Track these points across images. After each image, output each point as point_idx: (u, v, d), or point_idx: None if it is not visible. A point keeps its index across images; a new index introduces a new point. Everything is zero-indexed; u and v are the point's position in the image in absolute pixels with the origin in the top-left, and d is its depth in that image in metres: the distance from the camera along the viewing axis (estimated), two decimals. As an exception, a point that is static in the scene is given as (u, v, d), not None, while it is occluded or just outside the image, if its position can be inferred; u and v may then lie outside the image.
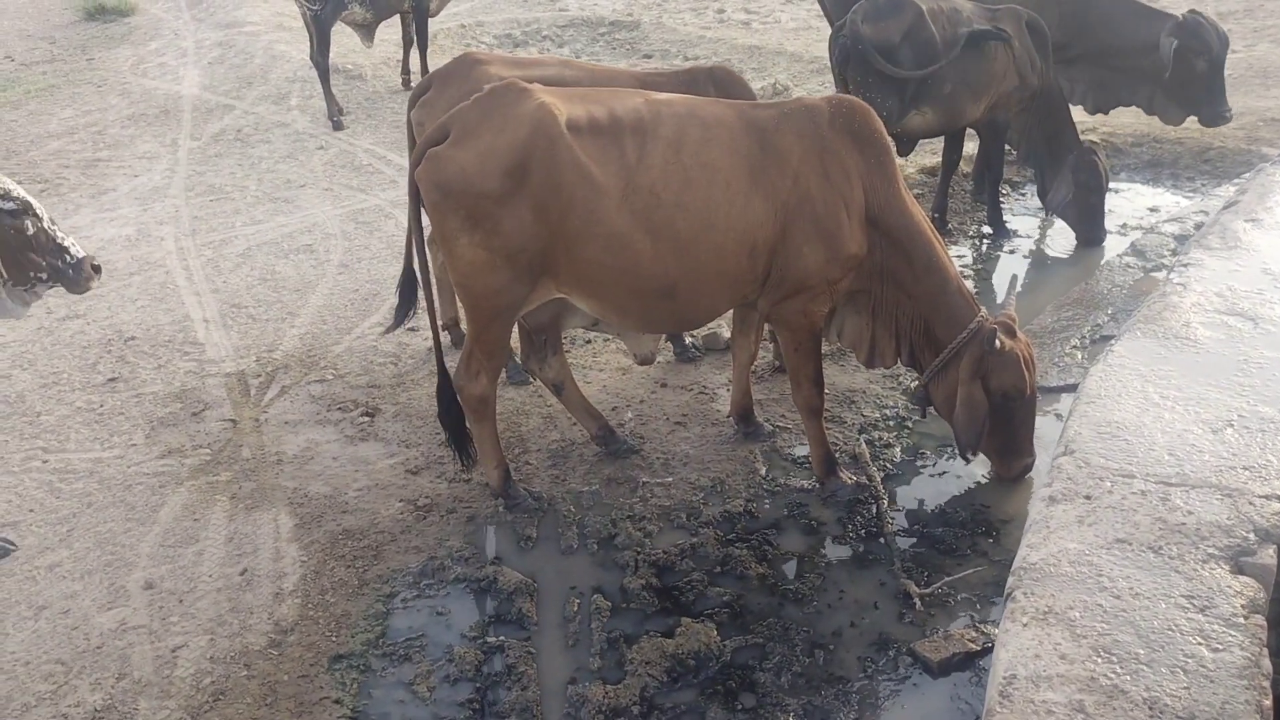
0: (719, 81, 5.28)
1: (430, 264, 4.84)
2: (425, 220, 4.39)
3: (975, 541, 4.41)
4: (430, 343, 4.92)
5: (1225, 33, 6.71)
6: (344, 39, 10.45)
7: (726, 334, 5.64)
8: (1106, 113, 7.29)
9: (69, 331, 6.30)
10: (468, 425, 4.58)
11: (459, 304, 5.21)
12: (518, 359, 5.32)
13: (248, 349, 6.04)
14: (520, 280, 4.22)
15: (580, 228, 4.14)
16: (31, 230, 4.30)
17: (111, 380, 5.78)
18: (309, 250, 7.23)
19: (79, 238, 7.47)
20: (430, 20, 10.28)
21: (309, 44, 9.48)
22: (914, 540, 4.44)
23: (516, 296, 4.27)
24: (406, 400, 5.49)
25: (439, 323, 4.83)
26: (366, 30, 9.98)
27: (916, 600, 4.10)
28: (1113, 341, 3.53)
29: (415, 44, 10.21)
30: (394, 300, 6.14)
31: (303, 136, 9.38)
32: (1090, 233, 6.73)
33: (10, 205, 4.24)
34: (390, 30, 10.68)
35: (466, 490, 4.79)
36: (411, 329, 6.22)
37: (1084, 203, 6.61)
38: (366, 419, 5.34)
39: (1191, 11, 6.66)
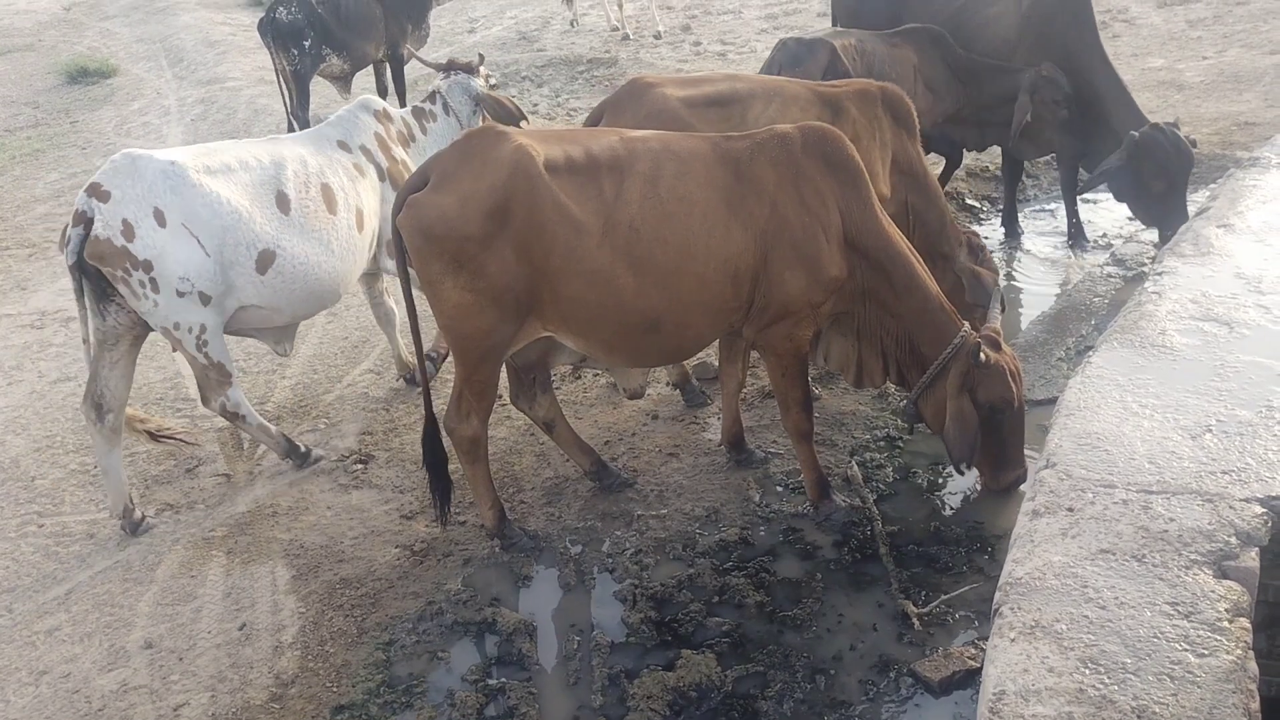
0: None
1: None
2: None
3: (971, 558, 4.43)
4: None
5: (1190, 152, 6.15)
6: (323, 91, 10.55)
7: (716, 362, 5.66)
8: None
9: (61, 394, 6.32)
10: (450, 470, 4.60)
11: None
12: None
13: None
14: (507, 321, 4.26)
15: (563, 266, 4.18)
16: None
17: (105, 441, 5.79)
18: (297, 301, 7.25)
19: (67, 300, 7.52)
20: (406, 67, 10.40)
21: (288, 99, 9.57)
22: (910, 560, 4.45)
23: (504, 337, 4.31)
24: (399, 446, 5.51)
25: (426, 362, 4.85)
26: (343, 82, 10.09)
27: (915, 620, 4.11)
28: (1090, 352, 3.56)
29: (392, 91, 10.31)
30: (387, 346, 6.21)
31: (287, 188, 9.43)
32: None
33: None
34: (367, 79, 10.78)
35: (462, 533, 4.81)
36: (403, 376, 6.26)
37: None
38: (360, 466, 5.36)
39: (1154, 126, 6.14)
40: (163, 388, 6.30)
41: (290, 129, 9.40)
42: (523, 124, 5.78)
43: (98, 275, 4.66)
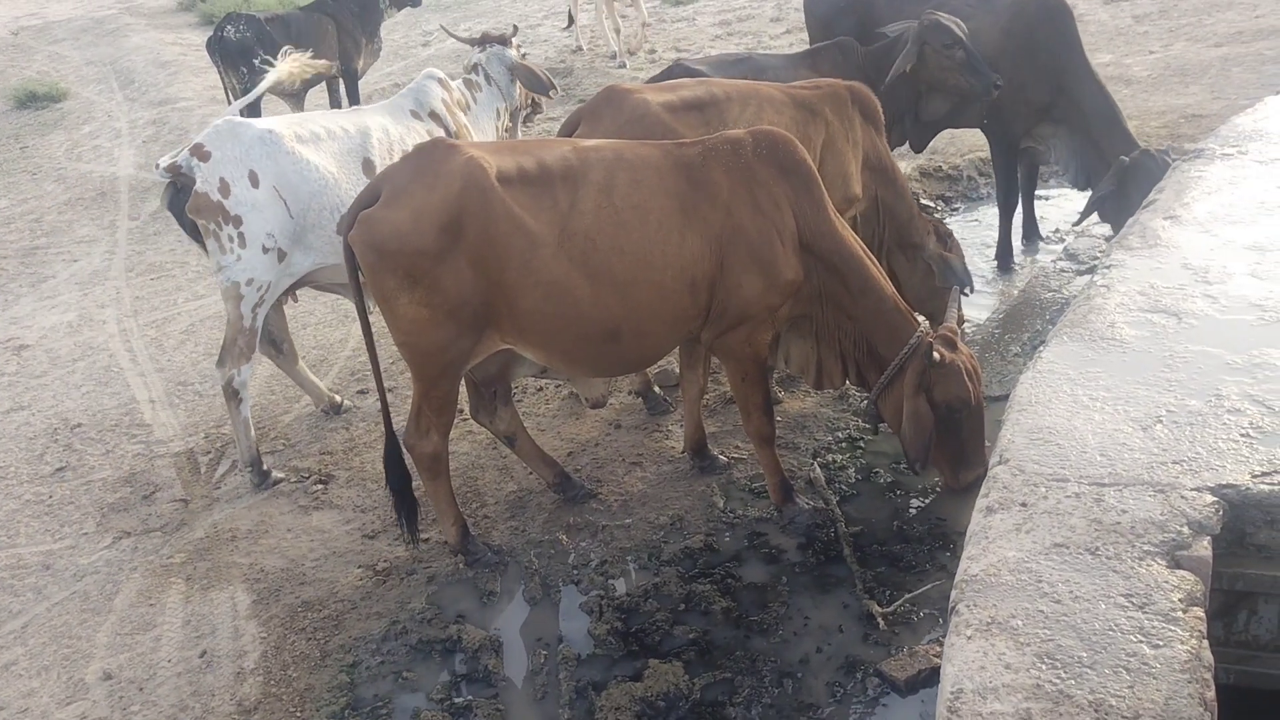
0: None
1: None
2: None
3: (934, 556, 4.44)
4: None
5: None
6: (273, 105, 10.45)
7: (677, 368, 5.66)
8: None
9: (14, 424, 6.22)
10: (414, 489, 4.57)
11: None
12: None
13: (196, 426, 6.00)
14: (464, 335, 4.23)
15: (519, 278, 4.16)
16: None
17: (59, 470, 5.72)
18: (254, 321, 7.18)
19: (19, 328, 7.42)
20: (359, 82, 10.35)
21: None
22: (874, 560, 4.46)
23: (462, 351, 4.28)
24: (359, 465, 5.46)
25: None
26: (295, 99, 10.02)
27: (880, 620, 4.11)
28: (1041, 347, 3.59)
29: (347, 106, 10.25)
30: (345, 364, 6.17)
31: (242, 208, 9.35)
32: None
33: None
34: (319, 95, 10.72)
35: (425, 550, 4.76)
36: (361, 391, 6.22)
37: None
38: (320, 487, 5.30)
39: (1144, 152, 6.00)
40: (118, 414, 6.22)
41: None
42: (551, 93, 6.40)
43: (194, 226, 5.14)
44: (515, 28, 6.83)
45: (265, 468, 5.37)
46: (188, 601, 4.60)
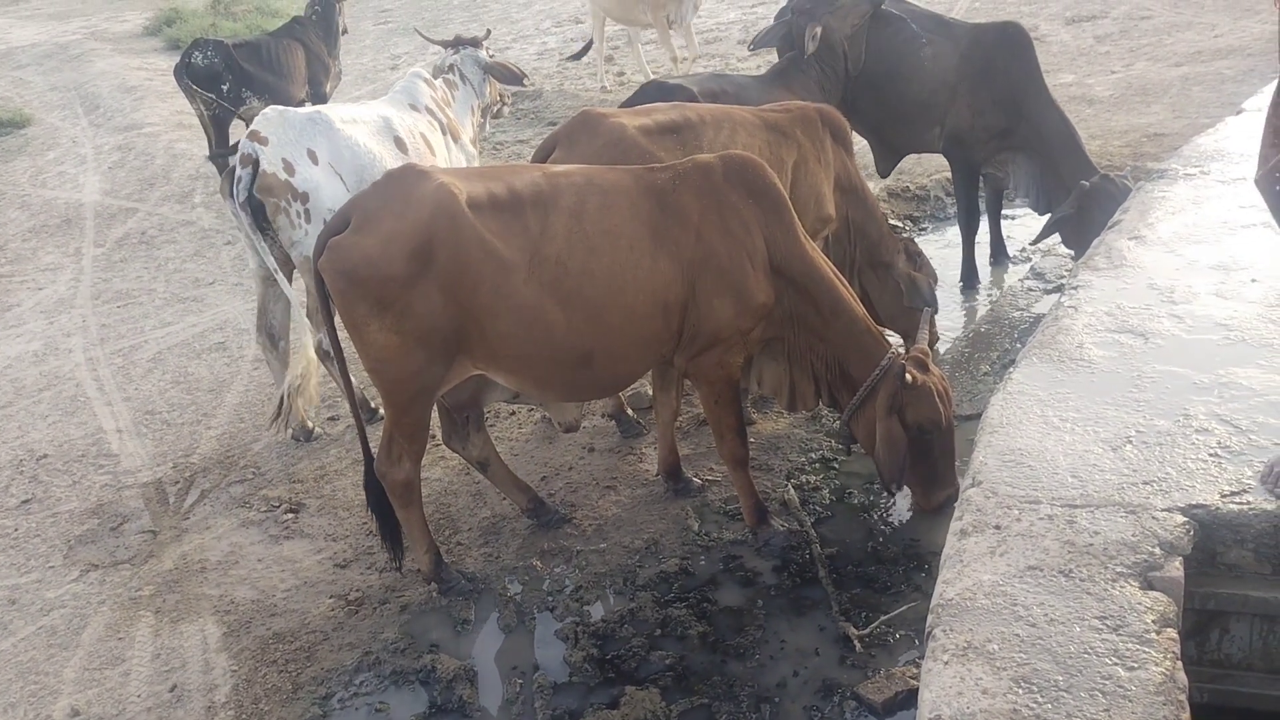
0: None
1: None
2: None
3: (909, 576, 4.45)
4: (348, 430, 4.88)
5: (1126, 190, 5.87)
6: (242, 133, 10.41)
7: (650, 391, 5.66)
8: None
9: (-23, 456, 6.13)
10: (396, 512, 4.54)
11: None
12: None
13: (164, 456, 5.93)
14: (435, 361, 4.21)
15: (490, 303, 4.15)
16: None
17: (25, 502, 5.64)
18: (221, 348, 7.14)
19: (-17, 358, 7.32)
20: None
21: (207, 142, 9.44)
22: (849, 581, 4.46)
23: (433, 377, 4.25)
24: (330, 492, 5.42)
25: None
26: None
27: (856, 642, 4.11)
28: (1011, 369, 3.61)
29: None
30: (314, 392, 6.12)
31: (209, 234, 9.30)
32: None
33: None
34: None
35: (398, 579, 4.72)
36: (331, 418, 6.17)
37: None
38: (291, 516, 5.25)
39: (1104, 177, 6.05)
40: (84, 444, 6.14)
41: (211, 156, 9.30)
42: (525, 83, 6.84)
43: (260, 211, 5.37)
44: (489, 31, 7.10)
45: (374, 405, 5.79)
46: (157, 635, 4.54)
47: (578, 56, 12.77)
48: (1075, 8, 12.00)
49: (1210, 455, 3.05)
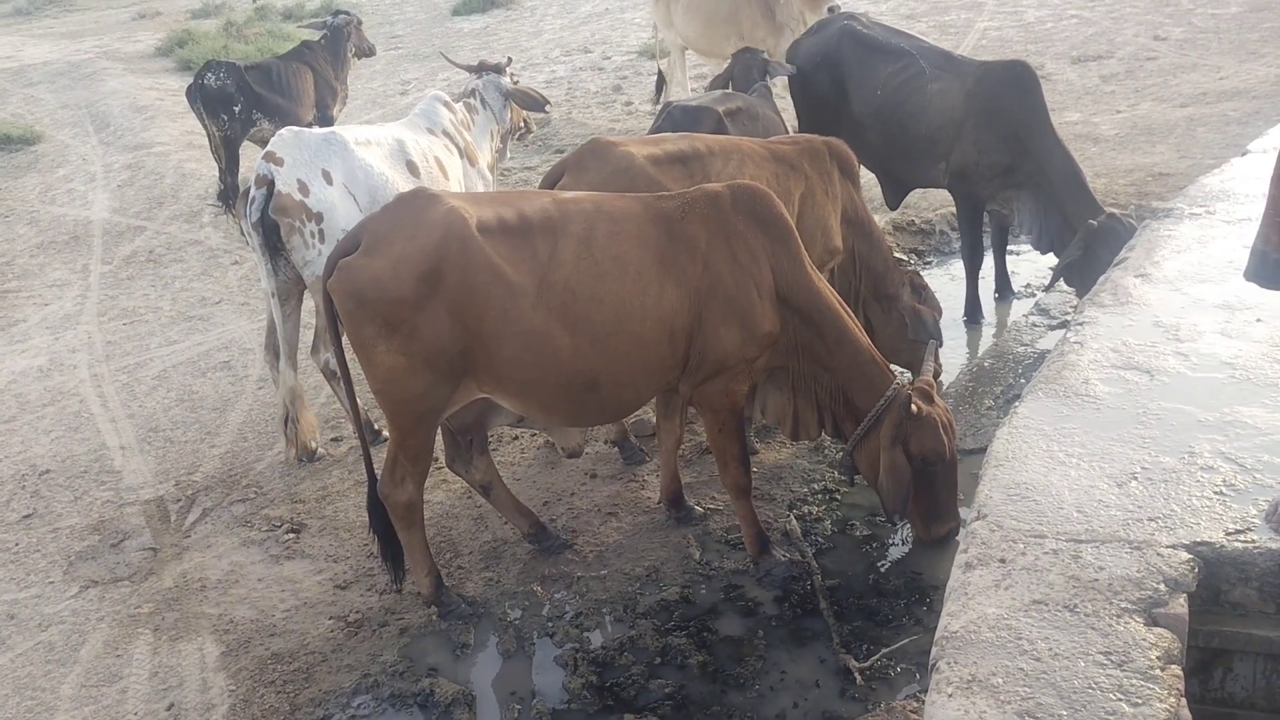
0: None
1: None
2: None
3: (911, 610, 4.44)
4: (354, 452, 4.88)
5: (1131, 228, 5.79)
6: (252, 153, 10.48)
7: (653, 418, 5.66)
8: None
9: (-21, 469, 6.13)
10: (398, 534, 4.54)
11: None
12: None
13: (167, 473, 5.93)
14: (441, 383, 4.22)
15: (497, 328, 4.17)
16: None
17: (27, 517, 5.63)
18: (226, 367, 7.15)
19: (-12, 372, 7.33)
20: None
21: (217, 164, 9.50)
22: (850, 613, 4.45)
23: (438, 400, 4.27)
24: (332, 513, 5.41)
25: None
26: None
27: (857, 675, 4.09)
28: (1017, 403, 3.62)
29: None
30: (319, 412, 6.13)
31: (217, 253, 9.34)
32: None
33: None
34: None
35: (398, 601, 4.71)
36: (334, 439, 6.18)
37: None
38: (292, 536, 5.25)
39: (1111, 216, 6.01)
40: (87, 460, 6.14)
41: (221, 194, 9.32)
42: (547, 108, 6.94)
43: (274, 231, 5.40)
44: (509, 59, 7.13)
45: (377, 427, 5.84)
46: (155, 653, 4.52)
47: (658, 95, 12.05)
48: (1081, 47, 12.09)
49: (1215, 493, 3.05)
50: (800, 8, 9.43)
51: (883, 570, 4.71)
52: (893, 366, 4.82)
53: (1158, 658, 2.46)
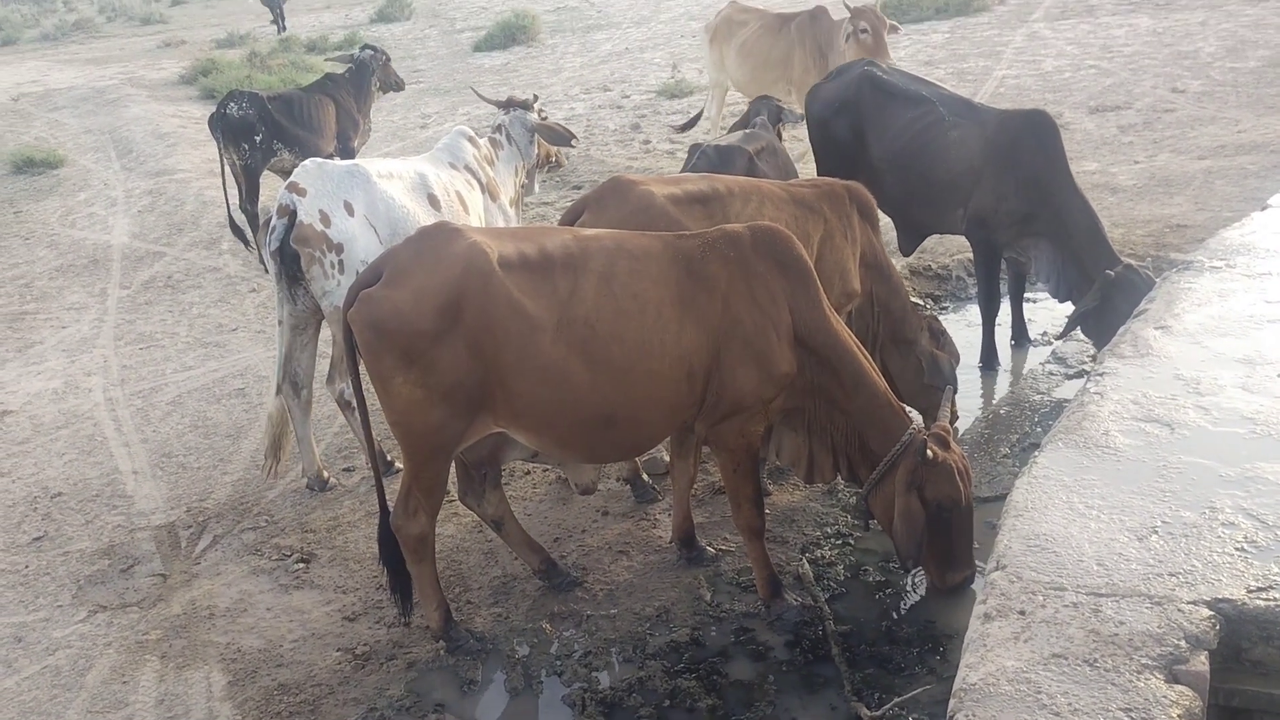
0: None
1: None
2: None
3: (924, 658, 4.39)
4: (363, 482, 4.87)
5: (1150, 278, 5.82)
6: (272, 183, 10.56)
7: (666, 456, 5.65)
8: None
9: (-7, 490, 6.14)
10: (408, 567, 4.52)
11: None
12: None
13: (178, 499, 5.93)
14: (458, 416, 4.23)
15: (516, 362, 4.17)
16: None
17: (37, 539, 5.63)
18: (241, 394, 7.17)
19: (4, 393, 7.37)
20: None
21: (237, 193, 9.57)
22: (862, 660, 4.41)
23: (454, 433, 4.27)
24: (342, 544, 5.40)
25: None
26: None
27: (868, 723, 4.05)
28: (1036, 453, 3.60)
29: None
30: (333, 441, 6.14)
31: (234, 280, 9.39)
32: None
33: None
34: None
35: (406, 635, 4.69)
36: (346, 469, 6.17)
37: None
38: (302, 566, 5.23)
39: (1128, 267, 6.00)
40: (99, 484, 6.14)
41: (232, 224, 9.39)
42: (574, 143, 6.90)
43: (294, 260, 5.43)
44: (535, 96, 7.17)
45: (390, 458, 5.85)
46: (162, 680, 4.50)
47: (686, 128, 12.02)
48: (1100, 97, 12.14)
49: (1236, 549, 3.03)
50: (856, 58, 9.31)
51: (896, 617, 4.67)
52: (908, 411, 4.81)
53: (1178, 716, 2.43)
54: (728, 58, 10.97)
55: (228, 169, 9.63)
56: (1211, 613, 2.78)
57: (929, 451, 4.32)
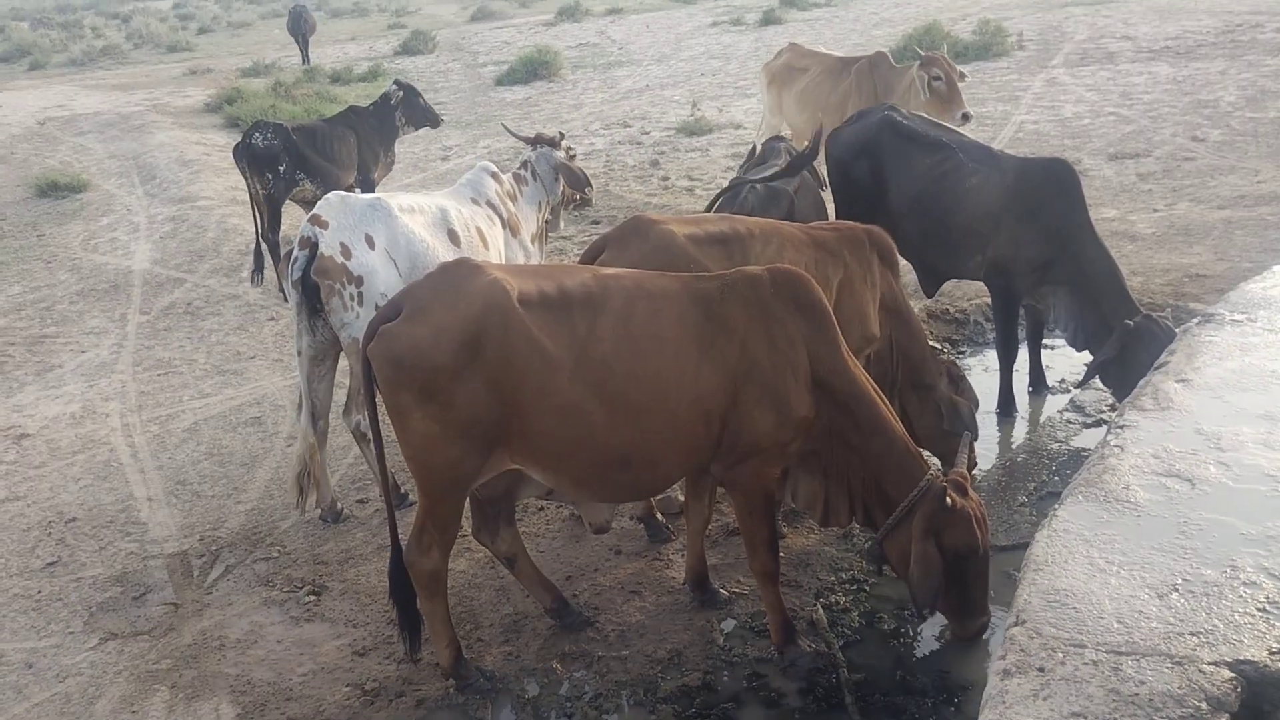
0: None
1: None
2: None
3: (938, 709, 4.35)
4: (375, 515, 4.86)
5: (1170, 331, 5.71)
6: (293, 212, 10.64)
7: (681, 496, 5.63)
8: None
9: (8, 514, 6.16)
10: (418, 603, 4.50)
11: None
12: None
13: (192, 527, 5.93)
14: (474, 452, 4.23)
15: (534, 400, 4.18)
16: None
17: (51, 564, 5.64)
18: (257, 423, 7.19)
19: (22, 416, 7.40)
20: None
21: (260, 221, 9.65)
22: (876, 710, 4.36)
23: (470, 469, 4.27)
24: (354, 577, 5.39)
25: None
26: (313, 206, 10.20)
27: (880, 774, 4.01)
28: (1056, 506, 3.58)
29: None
30: (347, 472, 6.14)
31: (254, 308, 9.44)
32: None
33: None
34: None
35: (415, 671, 4.66)
36: (360, 501, 6.17)
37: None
38: (313, 598, 5.22)
39: (1147, 317, 5.99)
40: (114, 510, 6.16)
41: (258, 251, 9.47)
42: (588, 191, 7.02)
43: (314, 292, 5.48)
44: (561, 134, 7.24)
45: (404, 491, 5.90)
46: (171, 710, 4.49)
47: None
48: (1119, 144, 12.17)
49: (1259, 610, 2.99)
50: (930, 108, 9.14)
51: (910, 666, 4.63)
52: (926, 456, 4.78)
53: (1201, 780, 2.39)
54: (786, 102, 11.01)
55: (250, 197, 9.71)
56: (1233, 674, 2.74)
57: (948, 499, 4.30)
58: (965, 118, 9.05)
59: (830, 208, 7.33)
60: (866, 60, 10.44)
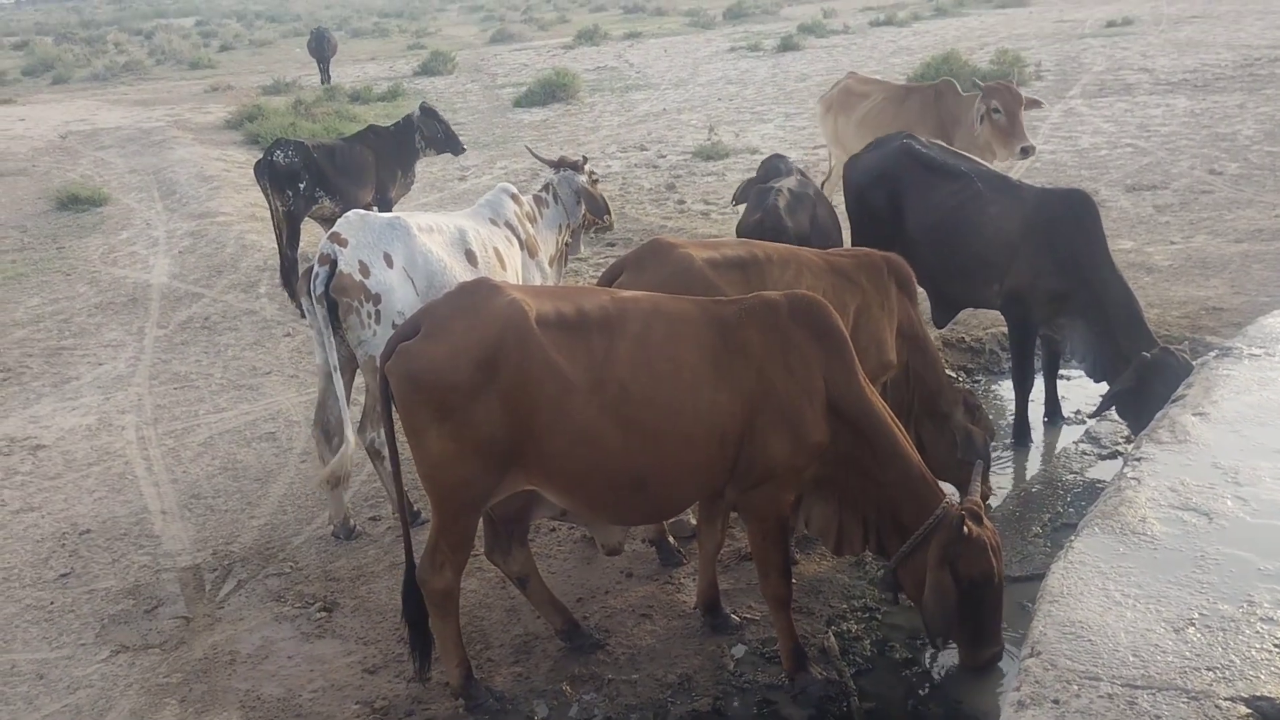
0: None
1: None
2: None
3: (948, 739, 4.33)
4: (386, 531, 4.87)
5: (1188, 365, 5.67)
6: (311, 230, 10.72)
7: (693, 520, 5.63)
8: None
9: (23, 525, 6.18)
10: (430, 623, 4.50)
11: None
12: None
13: (205, 541, 5.95)
14: (489, 472, 4.24)
15: (549, 421, 4.19)
16: None
17: (64, 576, 5.66)
18: (271, 438, 7.21)
19: (38, 427, 7.45)
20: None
21: (278, 239, 9.71)
22: (886, 739, 4.35)
23: (485, 488, 4.27)
24: (366, 593, 5.39)
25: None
26: (332, 224, 10.26)
27: (891, 804, 3.98)
28: (1073, 537, 3.57)
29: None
30: (361, 488, 6.15)
31: (270, 324, 9.49)
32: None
33: None
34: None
35: (425, 690, 4.65)
36: (373, 518, 6.18)
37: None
38: (324, 615, 5.22)
39: (1164, 349, 5.97)
40: (128, 523, 6.18)
41: (281, 267, 9.53)
42: (606, 218, 7.05)
43: (332, 309, 5.52)
44: (585, 158, 7.28)
45: (417, 508, 5.89)
46: (180, 725, 4.49)
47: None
48: (1136, 176, 12.17)
49: (1275, 646, 2.98)
50: (988, 140, 8.99)
51: (922, 695, 4.61)
52: (942, 484, 4.77)
53: (1217, 817, 2.37)
54: (845, 130, 10.76)
55: (270, 214, 9.78)
56: (1249, 710, 2.73)
57: (965, 528, 4.29)
58: (1025, 152, 8.82)
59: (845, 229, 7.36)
60: (932, 89, 10.26)
